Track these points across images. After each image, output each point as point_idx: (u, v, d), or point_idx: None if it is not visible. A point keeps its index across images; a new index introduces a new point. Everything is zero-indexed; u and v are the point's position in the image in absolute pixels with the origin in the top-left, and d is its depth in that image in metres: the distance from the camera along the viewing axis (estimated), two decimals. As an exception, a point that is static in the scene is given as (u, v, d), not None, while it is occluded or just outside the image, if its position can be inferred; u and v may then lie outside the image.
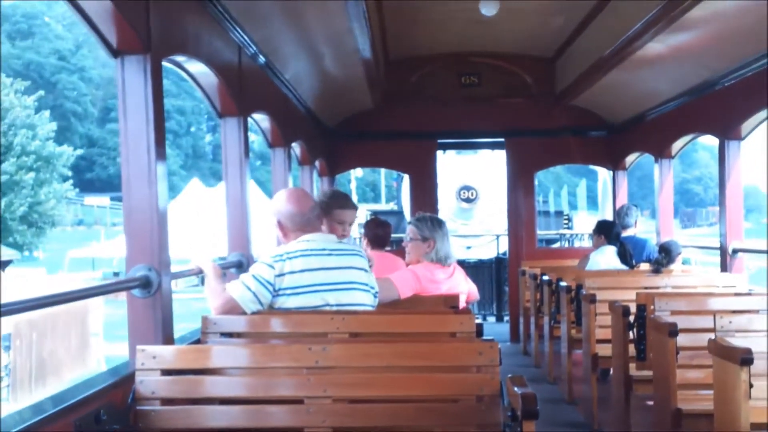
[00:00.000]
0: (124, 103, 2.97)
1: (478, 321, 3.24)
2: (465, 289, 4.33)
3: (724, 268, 6.09)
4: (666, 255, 6.15)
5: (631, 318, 4.50)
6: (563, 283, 6.08)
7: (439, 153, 9.53)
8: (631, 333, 4.51)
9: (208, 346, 2.90)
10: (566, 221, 19.95)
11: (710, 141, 7.16)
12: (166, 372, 2.58)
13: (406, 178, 12.07)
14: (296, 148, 6.88)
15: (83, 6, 2.69)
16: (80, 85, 61.78)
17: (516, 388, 2.37)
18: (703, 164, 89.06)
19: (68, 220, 45.69)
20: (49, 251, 34.68)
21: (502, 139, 9.17)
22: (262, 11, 4.43)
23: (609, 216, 8.92)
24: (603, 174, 19.66)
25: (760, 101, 5.27)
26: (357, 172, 31.74)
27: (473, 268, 11.34)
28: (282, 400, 2.58)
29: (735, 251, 5.99)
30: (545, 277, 6.88)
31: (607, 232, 6.73)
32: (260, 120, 5.35)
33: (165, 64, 3.30)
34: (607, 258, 6.56)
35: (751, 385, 3.10)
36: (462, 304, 4.14)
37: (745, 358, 3.09)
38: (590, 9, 6.44)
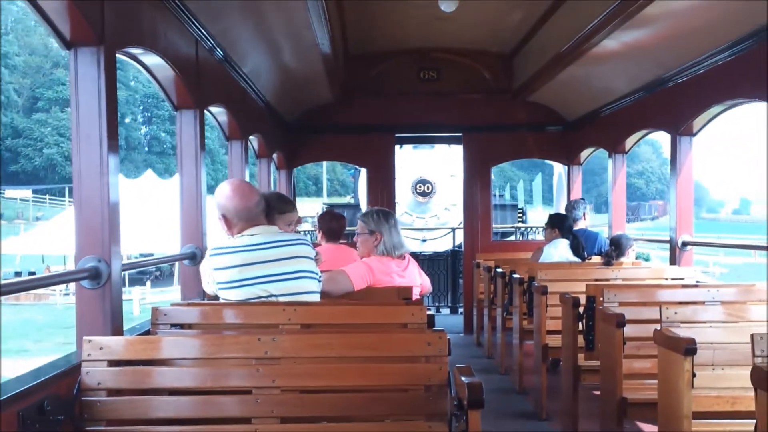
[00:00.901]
0: (77, 95, 2.92)
1: (430, 312, 3.27)
2: (418, 282, 4.36)
3: (673, 261, 6.22)
4: (616, 248, 6.26)
5: (581, 309, 4.58)
6: (516, 275, 6.14)
7: (396, 147, 9.56)
8: (580, 324, 4.58)
9: (156, 336, 2.88)
10: (521, 215, 20.16)
11: (653, 135, 7.31)
12: (114, 363, 2.57)
13: (363, 171, 12.05)
14: (254, 141, 6.85)
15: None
16: (3, 72, 58.38)
17: (463, 378, 2.39)
18: (645, 158, 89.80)
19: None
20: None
21: (460, 134, 9.24)
22: (219, 4, 4.39)
23: (564, 210, 9.01)
24: (558, 168, 19.88)
25: (712, 98, 5.37)
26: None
27: (429, 261, 11.41)
28: (230, 390, 2.58)
29: (684, 244, 6.12)
30: (499, 270, 6.94)
31: (560, 225, 6.83)
32: (217, 113, 5.31)
33: (120, 56, 3.26)
34: (560, 251, 6.67)
35: (694, 375, 3.19)
36: (415, 296, 4.17)
37: (689, 348, 3.17)
38: (548, 6, 6.54)
